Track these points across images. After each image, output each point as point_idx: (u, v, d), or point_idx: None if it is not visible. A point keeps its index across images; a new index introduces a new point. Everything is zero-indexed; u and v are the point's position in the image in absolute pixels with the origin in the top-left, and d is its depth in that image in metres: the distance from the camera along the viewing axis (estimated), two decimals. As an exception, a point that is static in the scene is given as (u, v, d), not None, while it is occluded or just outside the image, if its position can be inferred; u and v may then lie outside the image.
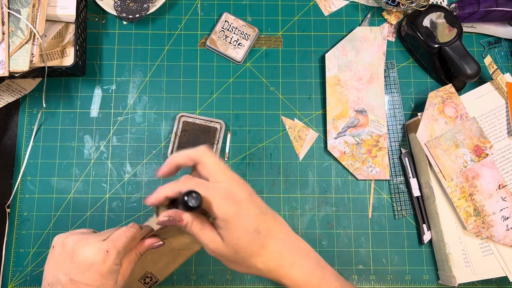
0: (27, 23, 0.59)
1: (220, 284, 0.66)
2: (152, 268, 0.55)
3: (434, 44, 0.65)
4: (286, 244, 0.43)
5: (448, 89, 0.65)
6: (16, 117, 0.70)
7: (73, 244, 0.44)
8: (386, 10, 0.73)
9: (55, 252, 0.45)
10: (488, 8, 0.66)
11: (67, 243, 0.45)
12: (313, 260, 0.45)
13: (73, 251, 0.44)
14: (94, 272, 0.43)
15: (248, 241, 0.41)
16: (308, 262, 0.44)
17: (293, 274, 0.43)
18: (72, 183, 0.68)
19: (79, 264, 0.43)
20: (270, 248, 0.42)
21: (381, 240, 0.67)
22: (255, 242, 0.41)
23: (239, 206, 0.41)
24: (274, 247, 0.42)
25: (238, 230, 0.40)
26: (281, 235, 0.44)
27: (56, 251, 0.45)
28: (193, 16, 0.73)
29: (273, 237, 0.43)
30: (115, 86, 0.71)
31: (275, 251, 0.42)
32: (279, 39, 0.73)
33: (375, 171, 0.68)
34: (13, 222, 0.67)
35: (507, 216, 0.62)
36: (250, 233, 0.41)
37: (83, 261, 0.43)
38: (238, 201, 0.41)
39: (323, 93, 0.71)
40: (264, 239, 0.42)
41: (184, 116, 0.68)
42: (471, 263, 0.62)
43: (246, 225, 0.41)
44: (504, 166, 0.64)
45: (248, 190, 0.42)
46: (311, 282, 0.44)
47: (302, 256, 0.44)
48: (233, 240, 0.40)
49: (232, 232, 0.40)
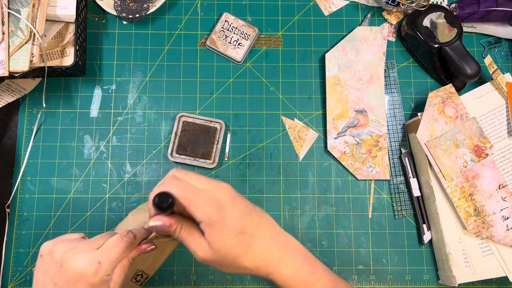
0: (27, 23, 0.59)
1: (220, 284, 0.66)
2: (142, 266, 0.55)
3: (434, 44, 0.65)
4: (273, 241, 0.44)
5: (448, 89, 0.65)
6: (16, 117, 0.70)
7: (62, 254, 0.42)
8: (386, 10, 0.73)
9: (43, 261, 0.44)
10: (488, 8, 0.66)
11: (55, 252, 0.43)
12: (301, 255, 0.45)
13: (62, 261, 0.42)
14: (85, 283, 0.41)
15: (234, 243, 0.41)
16: (296, 257, 0.45)
17: (281, 269, 0.43)
18: (72, 183, 0.68)
19: (69, 275, 0.41)
20: (256, 247, 0.43)
21: (381, 240, 0.67)
22: (241, 243, 0.42)
23: (223, 211, 0.41)
24: (260, 245, 0.43)
25: (223, 234, 0.41)
26: (268, 232, 0.44)
27: (44, 260, 0.44)
28: (193, 16, 0.73)
29: (259, 235, 0.43)
30: (115, 86, 0.71)
31: (262, 248, 0.43)
32: (279, 39, 0.73)
33: (375, 171, 0.68)
34: (13, 222, 0.67)
35: (507, 216, 0.62)
36: (235, 236, 0.41)
37: (74, 272, 0.41)
38: (221, 206, 0.41)
39: (323, 93, 0.71)
40: (249, 239, 0.42)
41: (184, 116, 0.68)
42: (471, 263, 0.62)
43: (231, 228, 0.41)
44: (504, 166, 0.64)
45: (230, 193, 0.43)
46: (299, 277, 0.44)
47: (290, 252, 0.45)
48: (219, 244, 0.41)
49: (217, 236, 0.41)
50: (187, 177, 0.43)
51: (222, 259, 0.42)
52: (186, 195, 0.40)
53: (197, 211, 0.40)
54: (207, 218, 0.40)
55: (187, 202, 0.40)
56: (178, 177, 0.43)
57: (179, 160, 0.67)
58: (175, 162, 0.68)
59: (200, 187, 0.42)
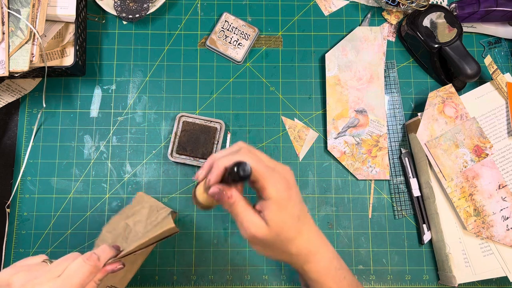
0: (27, 23, 0.59)
1: (220, 284, 0.66)
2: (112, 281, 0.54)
3: (434, 44, 0.65)
4: (315, 232, 0.46)
5: (448, 89, 0.65)
6: (16, 117, 0.70)
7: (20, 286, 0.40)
8: (386, 10, 0.73)
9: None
10: (488, 8, 0.66)
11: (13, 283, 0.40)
12: (332, 250, 0.47)
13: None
14: None
15: (290, 225, 0.42)
16: (329, 251, 0.47)
17: (317, 260, 0.45)
18: (72, 183, 0.68)
19: None
20: (304, 234, 0.44)
21: (381, 240, 0.67)
22: (295, 227, 0.43)
23: (291, 192, 0.42)
24: (307, 234, 0.44)
25: (285, 214, 0.42)
26: (311, 223, 0.46)
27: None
28: (193, 16, 0.73)
29: (307, 223, 0.45)
30: (115, 86, 0.71)
31: (308, 236, 0.45)
32: (279, 39, 0.73)
33: (375, 171, 0.68)
34: (13, 222, 0.67)
35: (507, 216, 0.62)
36: (293, 218, 0.43)
37: None
38: (290, 187, 0.42)
39: (323, 93, 0.71)
40: (301, 225, 0.44)
41: (184, 116, 0.68)
42: (471, 263, 0.62)
43: (293, 210, 0.42)
44: (504, 166, 0.64)
45: (293, 178, 0.44)
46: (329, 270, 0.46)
47: (325, 245, 0.47)
48: (279, 223, 0.41)
49: (279, 215, 0.41)
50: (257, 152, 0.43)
51: (274, 238, 0.42)
52: (263, 169, 0.41)
53: (271, 188, 0.41)
54: (279, 196, 0.41)
55: (262, 177, 0.41)
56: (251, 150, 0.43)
57: (179, 160, 0.67)
58: (175, 162, 0.68)
59: (270, 165, 0.42)
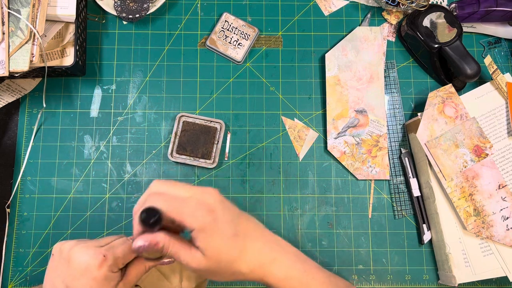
0: (27, 23, 0.59)
1: (220, 284, 0.66)
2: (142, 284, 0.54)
3: (434, 44, 0.65)
4: (265, 242, 0.44)
5: (448, 89, 0.65)
6: (16, 117, 0.70)
7: (69, 249, 0.42)
8: (386, 10, 0.73)
9: (54, 259, 0.44)
10: (488, 8, 0.66)
11: (63, 249, 0.43)
12: (293, 254, 0.45)
13: (69, 257, 0.42)
14: (88, 278, 0.41)
15: (228, 247, 0.40)
16: (288, 257, 0.44)
17: (274, 270, 0.43)
18: (72, 183, 0.68)
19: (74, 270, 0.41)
20: (249, 249, 0.42)
21: (381, 240, 0.67)
22: (235, 246, 0.41)
23: (215, 214, 0.40)
24: (253, 247, 0.42)
25: (217, 238, 0.40)
26: (258, 234, 0.44)
27: (54, 258, 0.44)
28: (193, 16, 0.73)
29: (251, 237, 0.43)
30: (115, 86, 0.71)
31: (255, 250, 0.42)
32: (279, 39, 0.73)
33: (375, 171, 0.68)
34: (13, 222, 0.67)
35: (507, 216, 0.62)
36: (229, 239, 0.40)
37: (78, 266, 0.41)
38: (212, 209, 0.40)
39: (323, 93, 0.71)
40: (242, 241, 0.42)
41: (184, 116, 0.68)
42: (471, 263, 0.62)
43: (224, 231, 0.40)
44: (504, 166, 0.64)
45: (218, 197, 0.41)
46: (292, 275, 0.44)
47: (282, 252, 0.44)
48: (214, 249, 0.40)
49: (211, 241, 0.39)
50: (170, 188, 0.41)
51: (217, 265, 0.40)
52: (173, 205, 0.38)
53: (188, 219, 0.38)
54: (199, 224, 0.39)
55: (175, 213, 0.38)
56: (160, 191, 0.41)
57: (179, 160, 0.67)
58: (175, 162, 0.68)
59: (186, 195, 0.40)
